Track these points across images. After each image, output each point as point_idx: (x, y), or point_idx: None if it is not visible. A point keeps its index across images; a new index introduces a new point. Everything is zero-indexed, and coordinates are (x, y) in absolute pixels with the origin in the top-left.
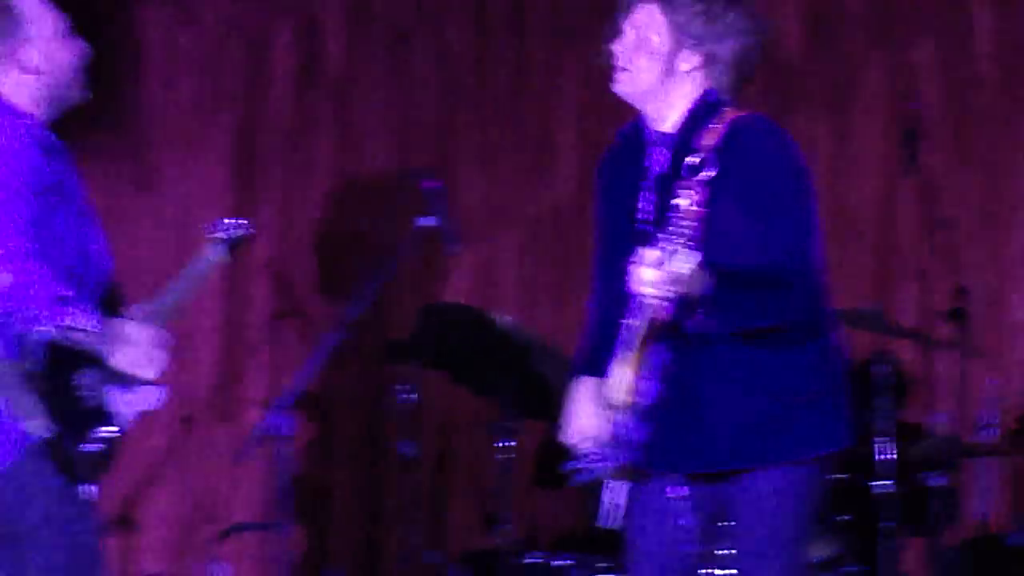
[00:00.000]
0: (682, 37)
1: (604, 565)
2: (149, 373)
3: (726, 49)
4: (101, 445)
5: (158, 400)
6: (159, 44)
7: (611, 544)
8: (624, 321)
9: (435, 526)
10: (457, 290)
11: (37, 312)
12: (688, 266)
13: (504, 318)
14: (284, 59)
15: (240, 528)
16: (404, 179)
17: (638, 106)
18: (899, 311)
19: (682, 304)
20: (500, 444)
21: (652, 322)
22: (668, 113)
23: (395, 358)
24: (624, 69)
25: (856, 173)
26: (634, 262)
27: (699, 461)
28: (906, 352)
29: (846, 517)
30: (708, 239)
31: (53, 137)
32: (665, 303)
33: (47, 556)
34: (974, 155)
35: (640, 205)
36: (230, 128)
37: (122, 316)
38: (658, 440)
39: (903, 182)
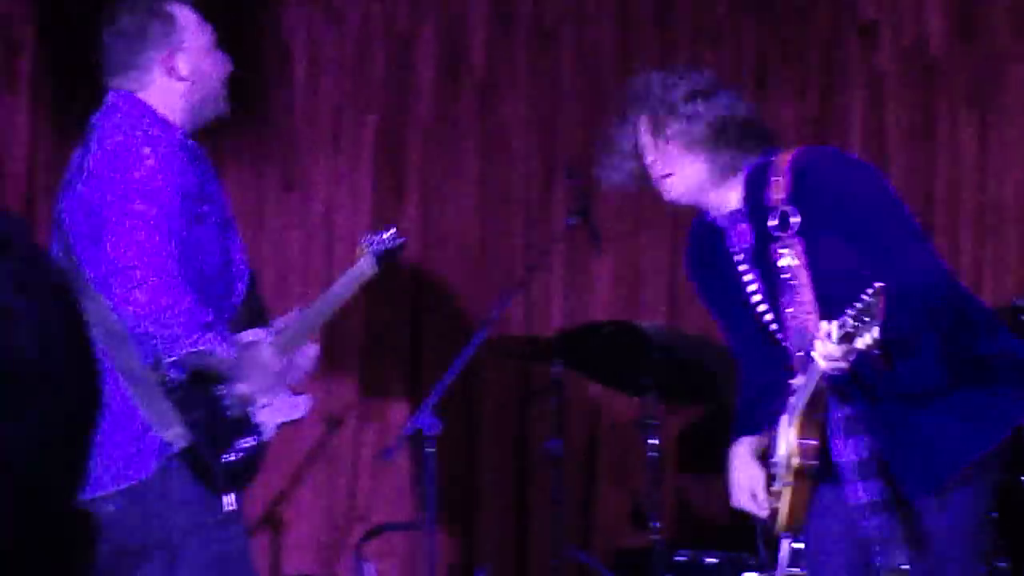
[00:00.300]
0: (687, 134)
1: (754, 562)
2: (263, 401)
3: (730, 121)
4: (243, 455)
5: (303, 411)
6: (304, 45)
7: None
8: (789, 383)
9: (583, 524)
10: (602, 289)
11: (178, 337)
12: (869, 342)
13: (648, 325)
14: (428, 59)
15: (386, 528)
16: (549, 178)
17: (697, 203)
18: None
19: (861, 363)
20: (647, 440)
21: (820, 384)
22: (728, 194)
23: (541, 357)
24: (669, 175)
25: (1002, 168)
26: (818, 337)
27: (935, 479)
28: None
29: (994, 513)
30: (827, 283)
31: (197, 147)
32: (841, 375)
33: (194, 563)
34: None
35: (747, 286)
36: (374, 128)
37: (267, 326)
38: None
39: None
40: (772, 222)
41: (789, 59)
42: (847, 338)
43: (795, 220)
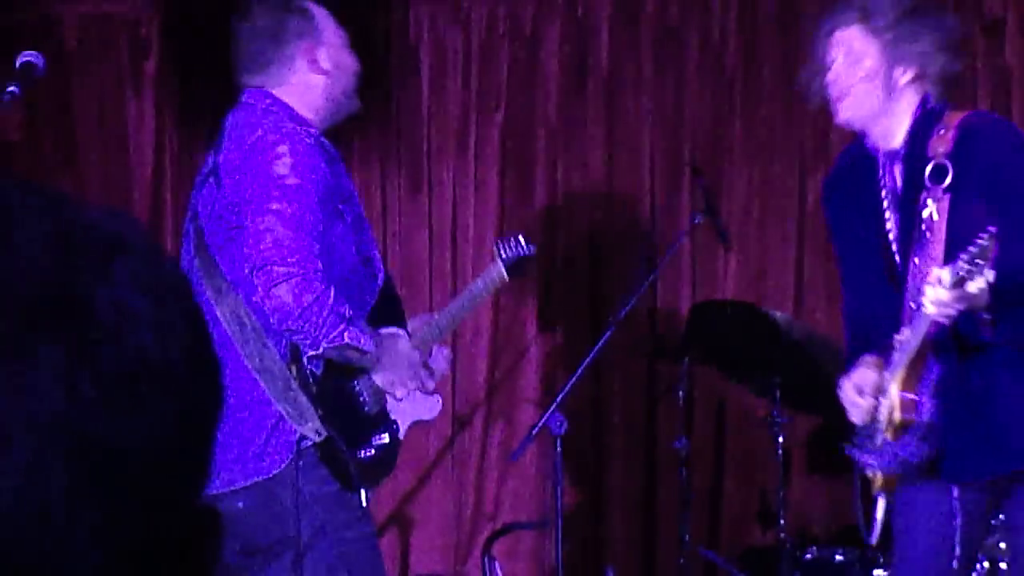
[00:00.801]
0: (892, 54)
1: (883, 560)
2: (399, 392)
3: (934, 59)
4: (378, 451)
5: (434, 411)
6: (430, 46)
7: (886, 539)
8: (893, 337)
9: (710, 523)
10: (729, 285)
11: (321, 332)
12: (982, 286)
13: (776, 313)
14: (553, 58)
15: (514, 528)
16: (675, 176)
17: (863, 129)
18: None
19: (967, 318)
20: (775, 438)
21: (927, 337)
22: (895, 129)
23: (667, 355)
24: (843, 97)
25: None
26: (928, 283)
27: (991, 467)
28: None
29: None
30: (959, 244)
31: (331, 146)
32: (948, 322)
33: (323, 562)
34: None
35: (885, 224)
36: (500, 129)
37: (403, 327)
38: (948, 451)
39: None
40: (927, 171)
41: None
42: (959, 283)
43: (950, 176)
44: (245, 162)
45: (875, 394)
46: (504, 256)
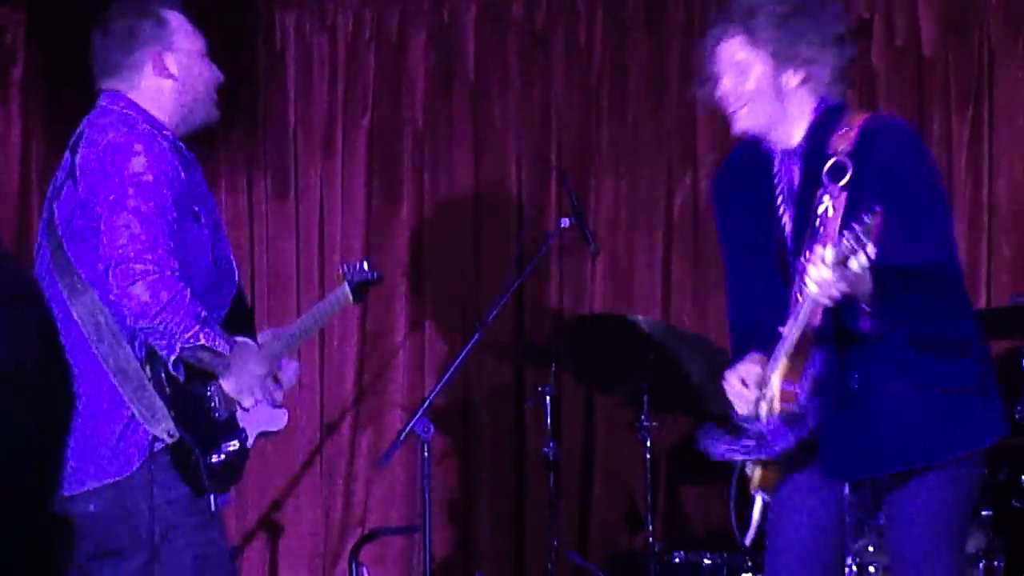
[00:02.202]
0: (778, 60)
1: (751, 563)
2: (246, 401)
3: (822, 58)
4: (228, 457)
5: (281, 424)
6: (296, 51)
7: (760, 542)
8: (778, 329)
9: (579, 527)
10: (597, 290)
11: (177, 331)
12: (864, 263)
13: (641, 318)
14: (420, 63)
15: (382, 532)
16: (542, 181)
17: (763, 135)
18: None
19: (848, 305)
20: (642, 442)
21: (809, 327)
22: (793, 131)
23: (535, 360)
24: (736, 110)
25: (995, 167)
26: (809, 261)
27: (870, 466)
28: None
29: (990, 512)
30: None
31: (187, 150)
32: (830, 304)
33: (174, 565)
34: None
35: (780, 221)
36: (367, 134)
37: (252, 337)
38: (826, 448)
39: None
40: (826, 168)
41: None
42: (842, 261)
43: (849, 174)
44: (100, 161)
45: (758, 386)
46: (350, 278)
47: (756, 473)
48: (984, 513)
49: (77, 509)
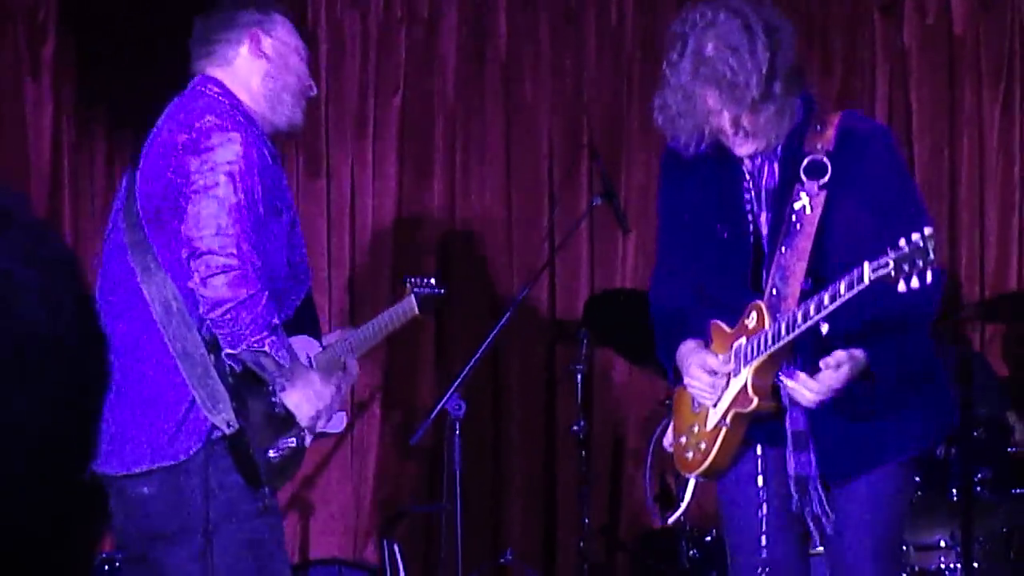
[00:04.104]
0: (751, 90)
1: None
2: (307, 423)
3: (797, 73)
4: (284, 454)
5: (340, 426)
6: (327, 29)
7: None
8: (741, 321)
9: (610, 506)
10: (628, 268)
11: (245, 331)
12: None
13: None
14: (451, 40)
15: (412, 511)
16: (573, 159)
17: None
18: None
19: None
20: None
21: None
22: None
23: (567, 338)
24: (746, 137)
25: None
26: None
27: (861, 467)
28: None
29: (1022, 490)
30: (828, 240)
31: (272, 146)
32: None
33: (228, 550)
34: None
35: (759, 219)
36: (399, 112)
37: (316, 336)
38: (819, 446)
39: None
40: (803, 165)
41: (813, 36)
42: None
43: (829, 173)
44: (195, 144)
45: (723, 376)
46: (417, 291)
47: (696, 460)
48: (1016, 492)
49: (132, 490)
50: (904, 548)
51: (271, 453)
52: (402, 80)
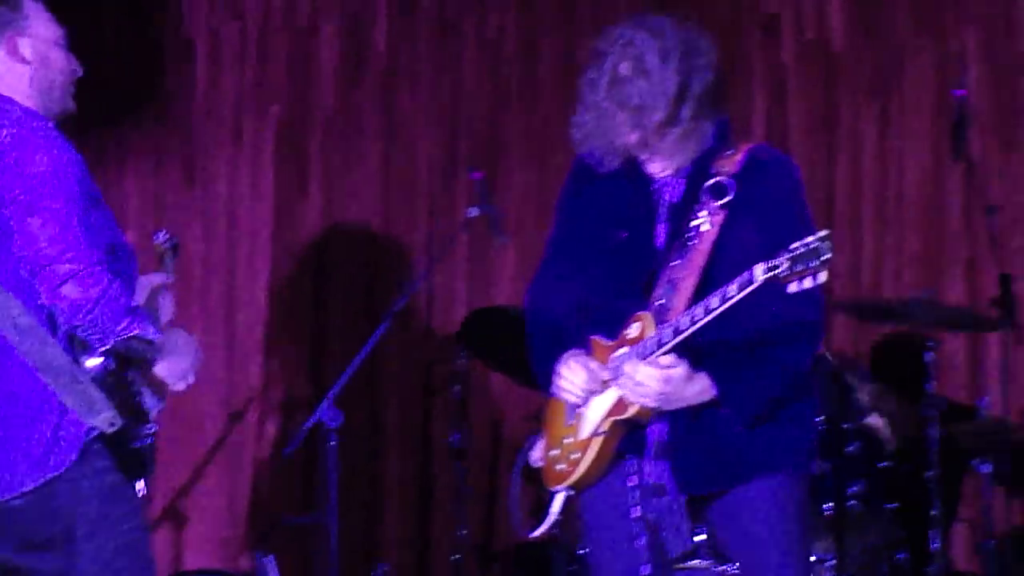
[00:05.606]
0: (657, 113)
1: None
2: (181, 385)
3: (695, 96)
4: (150, 442)
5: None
6: (205, 39)
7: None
8: (623, 333)
9: (486, 518)
10: (505, 280)
11: (110, 324)
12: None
13: None
14: (330, 51)
15: (287, 522)
16: (451, 169)
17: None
18: (947, 298)
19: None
20: None
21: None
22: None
23: (444, 350)
24: (652, 158)
25: (903, 161)
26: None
27: (717, 481)
28: (954, 339)
29: (895, 504)
30: (721, 259)
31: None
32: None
33: (102, 555)
34: (1020, 141)
35: (655, 234)
36: (276, 121)
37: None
38: (677, 460)
39: (950, 169)
40: (707, 185)
41: None
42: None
43: (731, 195)
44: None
45: (599, 384)
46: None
47: (564, 472)
48: (888, 506)
49: (4, 505)
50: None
51: (141, 443)
52: (280, 89)
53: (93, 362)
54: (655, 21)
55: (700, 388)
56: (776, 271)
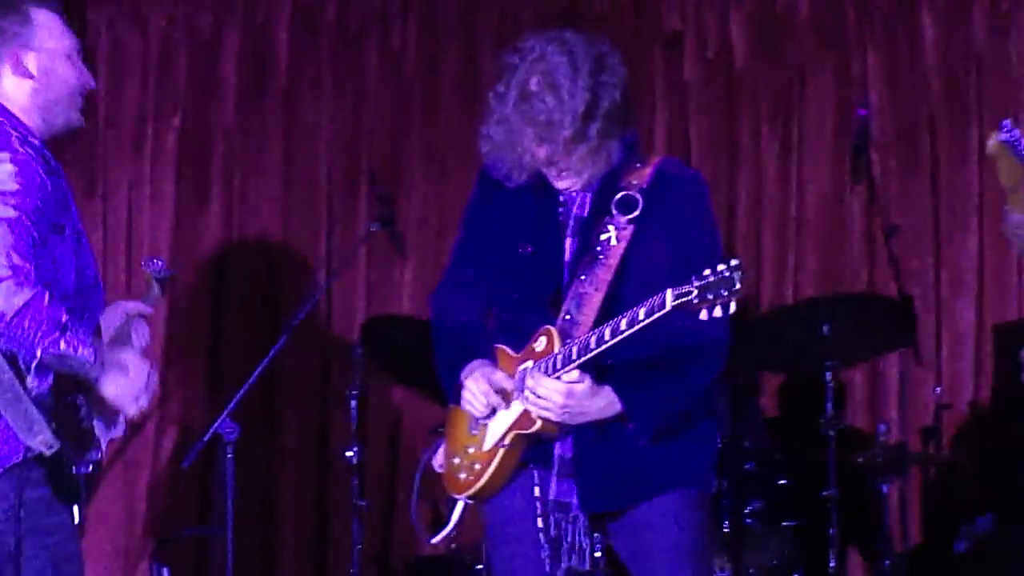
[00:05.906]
0: (564, 130)
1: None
2: (133, 408)
3: (604, 113)
4: (93, 468)
5: (121, 429)
6: (107, 49)
7: None
8: (529, 345)
9: (382, 533)
10: (405, 294)
11: (35, 337)
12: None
13: None
14: (232, 63)
15: (184, 534)
16: (353, 183)
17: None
18: None
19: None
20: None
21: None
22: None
23: (342, 362)
24: (560, 173)
25: (803, 180)
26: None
27: (602, 501)
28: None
29: (793, 523)
30: (629, 274)
31: (53, 159)
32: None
33: (30, 568)
34: (920, 164)
35: (563, 248)
36: (177, 133)
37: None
38: (582, 478)
39: (850, 190)
40: (616, 199)
41: None
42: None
43: (639, 209)
44: None
45: (502, 396)
46: (157, 278)
47: (468, 481)
48: (785, 524)
49: None
50: None
51: (83, 469)
52: (181, 101)
53: (33, 381)
54: (567, 37)
55: (604, 403)
56: (687, 298)
